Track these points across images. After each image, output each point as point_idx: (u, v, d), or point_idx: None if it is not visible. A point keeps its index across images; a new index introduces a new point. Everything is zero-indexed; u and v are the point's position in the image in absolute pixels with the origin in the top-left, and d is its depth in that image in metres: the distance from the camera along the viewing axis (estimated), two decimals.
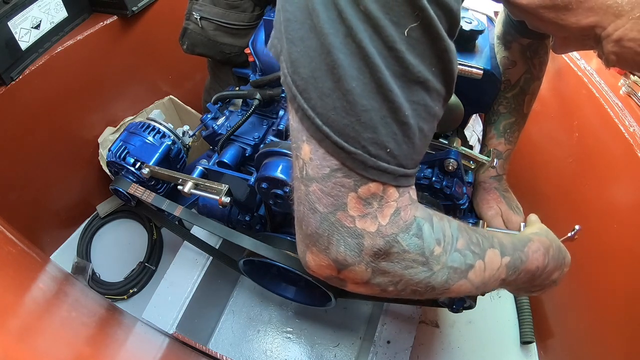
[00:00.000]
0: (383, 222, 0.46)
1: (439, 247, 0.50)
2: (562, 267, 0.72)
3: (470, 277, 0.54)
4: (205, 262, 1.39)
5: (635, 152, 1.14)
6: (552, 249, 0.69)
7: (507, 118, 0.99)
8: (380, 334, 1.28)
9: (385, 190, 0.46)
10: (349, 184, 0.45)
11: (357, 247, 0.46)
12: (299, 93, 0.44)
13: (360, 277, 0.49)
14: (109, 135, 1.69)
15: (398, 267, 0.48)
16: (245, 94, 1.07)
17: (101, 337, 0.81)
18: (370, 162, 0.44)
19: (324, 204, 0.46)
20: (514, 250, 0.61)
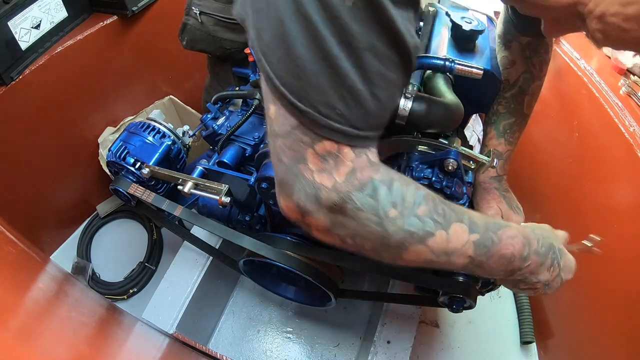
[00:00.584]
0: (339, 179, 0.51)
1: (394, 210, 0.53)
2: (554, 269, 0.71)
3: (430, 245, 0.56)
4: (205, 262, 1.39)
5: (635, 152, 1.14)
6: (537, 243, 0.68)
7: (506, 118, 0.99)
8: (380, 334, 1.28)
9: (340, 149, 0.50)
10: (306, 140, 0.50)
11: (315, 199, 0.51)
12: (263, 57, 0.49)
13: (321, 225, 0.54)
14: (109, 135, 1.69)
15: (353, 223, 0.53)
16: (245, 94, 1.07)
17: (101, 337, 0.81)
18: (322, 122, 0.49)
19: (288, 157, 0.52)
20: (485, 230, 0.61)
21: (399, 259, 0.59)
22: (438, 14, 1.09)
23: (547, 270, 0.70)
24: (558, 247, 0.72)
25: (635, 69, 1.30)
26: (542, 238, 0.70)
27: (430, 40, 1.01)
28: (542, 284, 0.71)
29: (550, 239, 0.71)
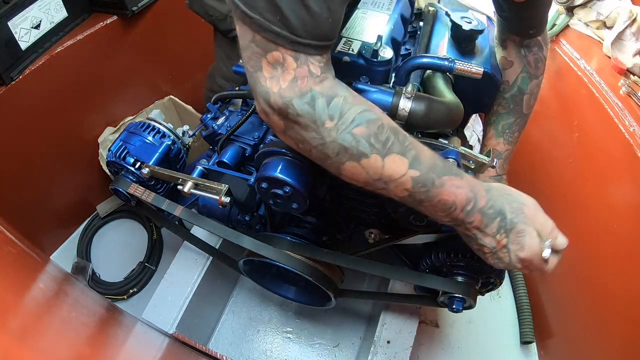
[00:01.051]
0: (283, 85, 0.59)
1: (330, 122, 0.60)
2: (500, 237, 0.70)
3: (363, 165, 0.62)
4: (205, 262, 1.38)
5: (635, 152, 1.14)
6: (485, 202, 0.69)
7: (505, 118, 1.00)
8: (380, 334, 1.28)
9: (285, 58, 0.58)
10: (259, 51, 0.59)
11: (268, 102, 0.61)
12: None
13: (277, 127, 0.64)
14: (109, 135, 1.69)
15: (297, 127, 0.61)
16: (245, 93, 1.07)
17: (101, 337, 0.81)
18: (266, 26, 0.56)
19: (250, 66, 0.61)
20: (428, 169, 0.65)
21: (340, 173, 0.66)
22: (438, 14, 1.09)
23: (492, 236, 0.70)
24: (512, 218, 0.70)
25: (635, 69, 1.30)
26: (495, 200, 0.70)
27: (430, 40, 1.01)
28: (489, 249, 0.72)
29: (505, 206, 0.70)
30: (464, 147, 0.83)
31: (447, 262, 0.96)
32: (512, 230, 0.70)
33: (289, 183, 0.79)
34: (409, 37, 1.09)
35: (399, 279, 0.97)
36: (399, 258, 1.14)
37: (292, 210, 0.87)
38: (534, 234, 0.71)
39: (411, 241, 0.96)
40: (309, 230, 1.09)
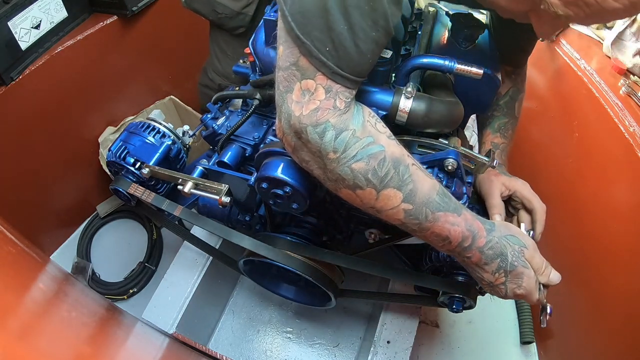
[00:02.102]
0: (304, 112, 0.62)
1: (333, 154, 0.63)
2: (499, 275, 0.74)
3: (358, 194, 0.66)
4: (205, 262, 1.38)
5: (635, 152, 1.14)
6: (484, 243, 0.71)
7: (500, 119, 1.06)
8: (380, 334, 1.28)
9: (316, 88, 0.62)
10: (298, 75, 0.62)
11: (288, 122, 0.64)
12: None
13: (289, 145, 0.68)
14: (110, 135, 1.69)
15: (306, 151, 0.66)
16: (245, 93, 1.06)
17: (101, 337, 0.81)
18: (314, 53, 0.60)
19: (283, 86, 0.65)
20: (422, 205, 0.67)
21: (337, 193, 0.69)
22: (438, 14, 1.09)
23: (491, 274, 0.74)
24: (513, 261, 0.73)
25: (635, 69, 1.30)
26: (496, 242, 0.73)
27: (430, 40, 1.01)
28: (486, 282, 0.76)
29: (507, 248, 0.73)
30: (464, 147, 0.83)
31: (447, 262, 0.96)
32: (511, 272, 0.74)
33: (289, 183, 0.79)
34: (409, 37, 1.09)
35: (399, 279, 0.97)
36: (399, 258, 1.14)
37: (292, 211, 0.87)
38: (531, 275, 0.75)
39: (411, 241, 0.96)
40: (309, 230, 1.09)
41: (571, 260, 1.42)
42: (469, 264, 0.75)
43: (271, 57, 1.00)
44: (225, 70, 1.40)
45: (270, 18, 0.94)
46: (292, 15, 0.60)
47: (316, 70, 0.61)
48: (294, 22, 0.60)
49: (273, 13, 0.96)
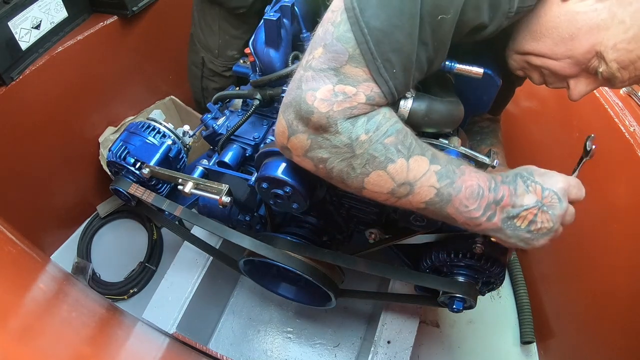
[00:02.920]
0: (335, 109, 0.61)
1: (365, 135, 0.63)
2: (532, 187, 0.71)
3: (390, 171, 0.65)
4: (206, 262, 1.39)
5: (635, 152, 1.14)
6: (500, 176, 0.72)
7: (486, 141, 1.11)
8: (380, 334, 1.28)
9: (357, 94, 0.62)
10: (334, 80, 0.62)
11: (306, 119, 0.62)
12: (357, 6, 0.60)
13: (301, 147, 0.65)
14: (110, 135, 1.69)
15: (328, 144, 0.63)
16: (246, 93, 1.06)
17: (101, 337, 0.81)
18: (381, 71, 0.61)
19: (306, 85, 0.62)
20: (447, 163, 0.68)
21: (362, 188, 0.67)
22: None
23: (526, 193, 0.70)
24: (524, 171, 0.73)
25: None
26: (504, 172, 0.74)
27: None
28: (535, 208, 0.70)
29: (513, 170, 0.74)
30: (464, 147, 0.83)
31: (447, 262, 0.96)
32: (534, 176, 0.72)
33: (289, 183, 0.79)
34: None
35: (399, 279, 0.97)
36: (399, 258, 1.14)
37: (293, 211, 0.87)
38: (552, 172, 0.74)
39: (411, 241, 0.96)
40: (309, 230, 1.09)
41: (571, 260, 1.41)
42: (506, 206, 0.70)
43: (271, 57, 1.00)
44: (208, 43, 1.40)
45: (270, 18, 0.94)
46: (371, 29, 0.59)
47: (364, 82, 0.62)
48: (370, 36, 0.59)
49: (273, 13, 0.96)
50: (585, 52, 0.69)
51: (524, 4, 0.68)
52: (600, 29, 0.66)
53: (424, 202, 0.68)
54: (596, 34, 0.66)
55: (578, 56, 0.70)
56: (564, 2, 0.68)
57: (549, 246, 0.76)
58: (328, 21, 0.64)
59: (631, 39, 0.65)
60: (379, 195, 0.68)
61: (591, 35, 0.67)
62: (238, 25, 1.35)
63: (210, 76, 1.46)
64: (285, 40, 1.00)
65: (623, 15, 0.64)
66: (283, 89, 1.00)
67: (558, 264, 1.49)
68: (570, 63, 0.72)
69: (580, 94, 0.76)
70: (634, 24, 0.64)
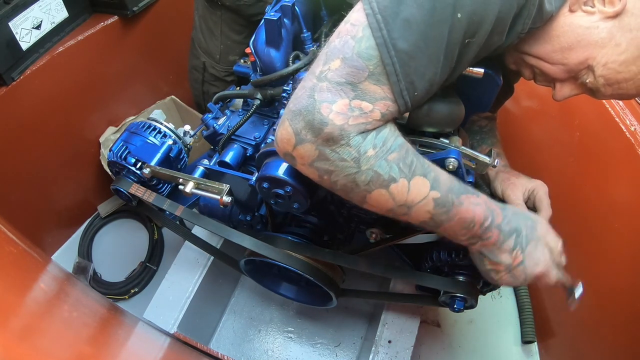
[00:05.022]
0: (351, 122, 0.61)
1: (373, 150, 0.63)
2: (516, 253, 0.74)
3: (392, 191, 0.65)
4: (207, 262, 1.39)
5: (636, 151, 1.14)
6: (502, 219, 0.73)
7: (486, 141, 1.12)
8: (381, 334, 1.28)
9: (372, 110, 0.62)
10: (350, 95, 0.61)
11: (318, 130, 0.61)
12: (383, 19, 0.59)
13: (308, 156, 0.64)
14: (111, 135, 1.69)
15: (336, 157, 0.63)
16: (246, 93, 1.06)
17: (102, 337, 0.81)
18: (403, 93, 0.62)
19: (320, 96, 0.61)
20: (448, 191, 0.68)
21: (364, 202, 0.68)
22: None
23: (509, 252, 0.74)
24: (527, 234, 0.75)
25: None
26: (511, 218, 0.74)
27: None
28: (504, 266, 0.75)
29: (520, 223, 0.75)
30: (465, 147, 0.83)
31: (448, 261, 0.96)
32: (527, 247, 0.75)
33: (290, 183, 0.79)
34: None
35: (400, 278, 0.97)
36: (400, 258, 1.14)
37: (294, 210, 0.87)
38: (546, 250, 0.76)
39: (412, 241, 0.96)
40: (310, 230, 1.09)
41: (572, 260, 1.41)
42: (487, 245, 0.74)
43: (272, 56, 1.00)
44: (209, 48, 1.39)
45: (271, 18, 0.94)
46: (398, 51, 0.59)
47: (381, 100, 0.62)
48: (397, 58, 0.60)
49: (274, 12, 0.96)
50: (578, 63, 0.73)
51: (535, 25, 0.70)
52: (597, 46, 0.71)
53: (419, 221, 0.70)
54: (592, 50, 0.71)
55: (571, 65, 0.74)
56: (572, 13, 0.72)
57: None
58: (347, 34, 0.62)
59: (622, 62, 0.70)
60: (379, 211, 0.70)
61: (587, 49, 0.71)
62: (240, 30, 1.34)
63: (211, 81, 1.46)
64: (286, 40, 1.00)
65: (620, 39, 0.69)
66: (284, 88, 1.00)
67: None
68: (562, 69, 0.75)
69: (563, 96, 0.81)
70: (627, 50, 0.69)
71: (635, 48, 0.69)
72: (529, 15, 0.67)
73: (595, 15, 0.70)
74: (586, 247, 1.34)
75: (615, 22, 0.69)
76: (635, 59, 0.70)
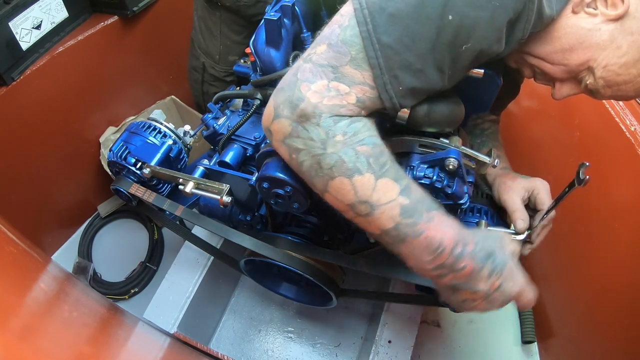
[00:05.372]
0: (325, 102, 0.62)
1: (341, 136, 0.63)
2: (494, 278, 0.68)
3: (355, 182, 0.64)
4: (207, 262, 1.39)
5: (636, 151, 1.14)
6: (474, 246, 0.67)
7: (488, 144, 1.10)
8: (381, 334, 1.28)
9: (349, 93, 0.63)
10: (330, 76, 0.63)
11: (294, 106, 0.63)
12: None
13: (282, 132, 0.66)
14: (111, 135, 1.69)
15: (306, 135, 0.63)
16: (246, 93, 1.06)
17: (102, 337, 0.81)
18: (387, 87, 0.64)
19: (302, 76, 0.64)
20: (418, 201, 0.66)
21: (325, 191, 0.67)
22: None
23: (486, 279, 0.68)
24: (500, 256, 0.69)
25: None
26: (482, 243, 0.68)
27: None
28: (482, 294, 0.69)
29: (492, 246, 0.69)
30: (465, 147, 0.82)
31: None
32: (504, 269, 0.69)
33: (290, 183, 0.79)
34: None
35: (400, 278, 0.97)
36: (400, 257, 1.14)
37: (293, 210, 0.87)
38: (519, 267, 0.72)
39: None
40: (310, 230, 1.09)
41: (572, 259, 1.41)
42: (461, 277, 0.67)
43: (272, 56, 1.00)
44: (209, 49, 1.39)
45: (271, 18, 0.94)
46: (382, 45, 0.61)
47: (358, 84, 0.63)
48: (381, 52, 0.61)
49: (274, 12, 0.96)
50: (579, 64, 0.73)
51: (535, 29, 0.70)
52: (598, 48, 0.71)
53: (380, 230, 0.66)
54: (593, 51, 0.71)
55: (572, 66, 0.74)
56: (574, 14, 0.72)
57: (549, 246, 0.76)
58: (335, 23, 0.66)
59: (622, 64, 0.71)
60: (340, 205, 0.67)
61: (589, 51, 0.72)
62: (239, 31, 1.34)
63: (211, 81, 1.46)
64: (286, 40, 1.00)
65: (622, 42, 0.69)
66: None
67: (559, 263, 1.49)
68: (563, 69, 0.76)
69: (562, 95, 0.81)
70: (628, 53, 0.70)
71: (635, 51, 0.69)
72: (528, 20, 0.67)
73: (597, 17, 0.70)
74: (586, 247, 1.34)
75: (617, 25, 0.69)
76: (636, 62, 0.70)
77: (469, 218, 0.98)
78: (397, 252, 0.69)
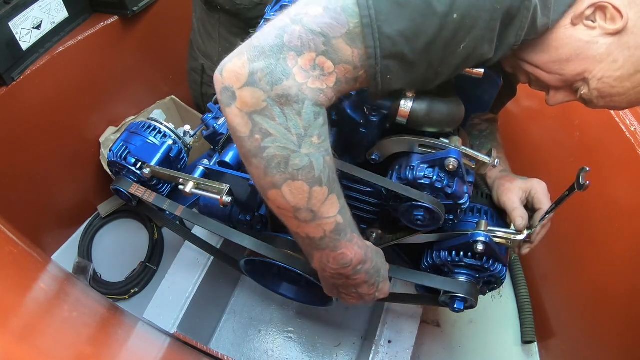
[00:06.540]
0: (310, 85, 0.57)
1: (317, 139, 0.60)
2: (373, 288, 0.84)
3: (313, 192, 0.62)
4: (207, 262, 1.38)
5: (636, 151, 1.14)
6: (370, 265, 0.78)
7: (487, 145, 1.11)
8: (381, 334, 1.28)
9: (331, 74, 0.58)
10: (319, 49, 0.57)
11: (276, 81, 0.55)
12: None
13: (252, 104, 0.57)
14: (111, 135, 1.69)
15: (282, 122, 0.57)
16: None
17: (102, 336, 0.81)
18: (377, 77, 0.61)
19: (289, 41, 0.56)
20: (348, 223, 0.70)
21: (276, 188, 0.62)
22: None
23: (369, 287, 0.83)
24: (383, 271, 0.85)
25: None
26: (377, 262, 0.81)
27: None
28: (360, 295, 0.84)
29: (379, 262, 0.83)
30: (465, 147, 0.83)
31: (448, 261, 0.96)
32: (381, 284, 0.86)
33: None
34: None
35: (400, 278, 0.97)
36: (400, 257, 1.14)
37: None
38: (388, 282, 0.89)
39: (412, 240, 0.96)
40: None
41: (572, 260, 1.41)
42: (350, 284, 0.81)
43: None
44: (208, 51, 1.39)
45: (271, 18, 0.94)
46: (382, 34, 0.57)
47: (344, 63, 0.59)
48: (380, 41, 0.58)
49: (274, 13, 0.96)
50: (574, 75, 0.75)
51: (529, 36, 0.70)
52: (595, 61, 0.72)
53: (307, 235, 0.69)
54: (589, 63, 0.73)
55: (567, 76, 0.76)
56: (573, 26, 0.72)
57: (550, 246, 0.76)
58: None
59: (617, 77, 0.72)
60: (284, 204, 0.64)
61: (585, 62, 0.73)
62: (238, 33, 1.34)
63: (210, 83, 1.45)
64: None
65: (618, 56, 0.70)
66: None
67: (559, 263, 1.49)
68: (558, 79, 0.77)
69: (556, 102, 0.84)
70: (624, 67, 0.71)
71: (631, 65, 0.71)
72: (521, 27, 0.66)
73: (596, 30, 0.71)
74: (586, 247, 1.34)
75: (615, 39, 0.70)
76: (630, 76, 0.71)
77: (469, 218, 0.98)
78: (306, 251, 0.76)
